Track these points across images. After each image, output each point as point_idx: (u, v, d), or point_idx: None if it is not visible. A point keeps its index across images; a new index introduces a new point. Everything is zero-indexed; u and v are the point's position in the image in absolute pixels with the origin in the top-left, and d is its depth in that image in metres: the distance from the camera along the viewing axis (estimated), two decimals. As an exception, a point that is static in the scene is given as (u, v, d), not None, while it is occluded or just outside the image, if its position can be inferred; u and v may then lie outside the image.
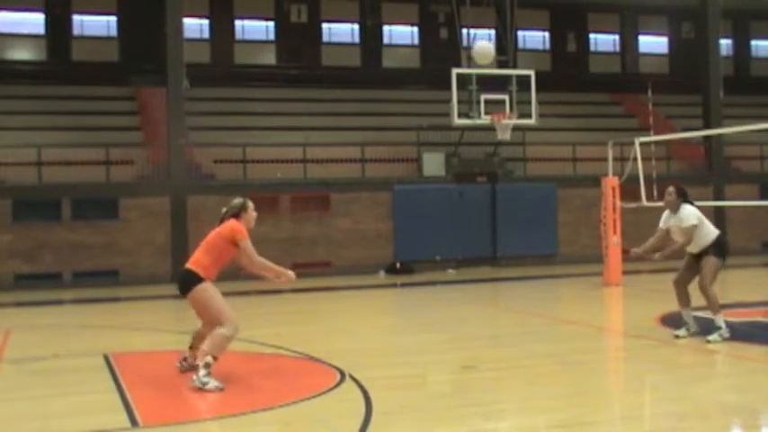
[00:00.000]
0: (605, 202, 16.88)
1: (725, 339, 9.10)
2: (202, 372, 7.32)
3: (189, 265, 7.70)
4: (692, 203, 9.53)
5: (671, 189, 9.58)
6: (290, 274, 7.86)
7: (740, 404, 6.80)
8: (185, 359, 8.08)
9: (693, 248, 9.41)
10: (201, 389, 7.27)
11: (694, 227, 9.26)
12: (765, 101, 29.89)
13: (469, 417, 6.44)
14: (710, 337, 9.13)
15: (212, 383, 7.29)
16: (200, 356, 7.53)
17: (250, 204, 7.86)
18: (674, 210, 9.48)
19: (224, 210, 7.85)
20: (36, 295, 18.13)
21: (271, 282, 8.00)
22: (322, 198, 22.33)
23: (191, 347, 8.04)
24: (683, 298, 9.63)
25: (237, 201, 7.87)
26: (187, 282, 7.59)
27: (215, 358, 7.39)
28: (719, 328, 9.16)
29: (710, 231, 9.36)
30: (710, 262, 9.25)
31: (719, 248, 9.34)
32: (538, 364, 8.62)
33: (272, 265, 7.84)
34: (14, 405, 7.33)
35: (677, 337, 9.59)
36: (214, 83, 26.19)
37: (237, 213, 7.75)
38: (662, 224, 9.70)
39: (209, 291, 7.56)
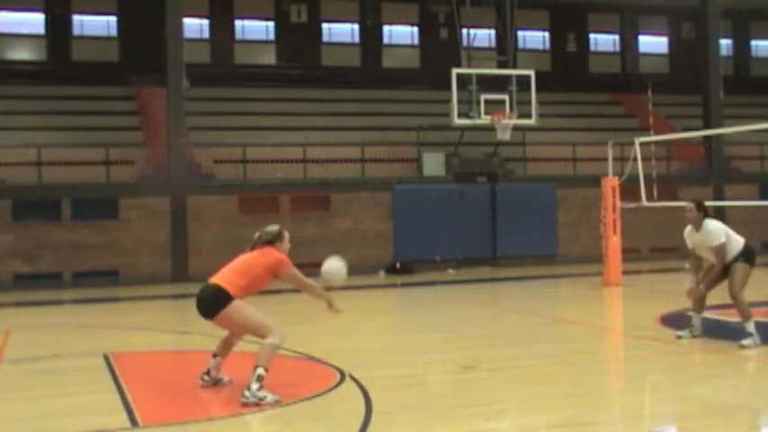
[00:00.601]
0: (605, 202, 16.87)
1: (757, 345, 8.85)
2: (255, 386, 6.79)
3: (219, 282, 7.11)
4: (712, 217, 9.33)
5: (690, 206, 9.25)
6: (337, 305, 7.52)
7: (740, 404, 6.80)
8: (208, 372, 7.56)
9: (726, 258, 9.16)
10: (258, 404, 6.74)
11: (724, 245, 9.04)
12: (765, 101, 29.88)
13: (469, 417, 6.44)
14: (745, 342, 8.86)
15: (270, 397, 6.80)
16: (219, 366, 7.47)
17: (286, 234, 7.55)
18: (697, 226, 9.20)
19: (257, 235, 7.45)
20: (36, 295, 18.13)
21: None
22: (322, 198, 22.33)
23: (214, 355, 7.62)
24: (698, 303, 9.50)
25: (273, 228, 7.48)
26: (217, 301, 7.00)
27: (266, 370, 6.88)
28: (751, 334, 8.93)
29: (738, 241, 9.17)
30: (740, 268, 9.06)
31: (748, 255, 9.15)
32: (538, 364, 8.61)
33: (321, 291, 7.50)
34: (14, 405, 7.33)
35: (679, 337, 9.53)
36: (214, 83, 26.18)
37: (273, 241, 7.37)
38: (689, 244, 9.47)
39: (244, 308, 7.05)
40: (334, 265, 7.65)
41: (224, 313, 6.98)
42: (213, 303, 7.01)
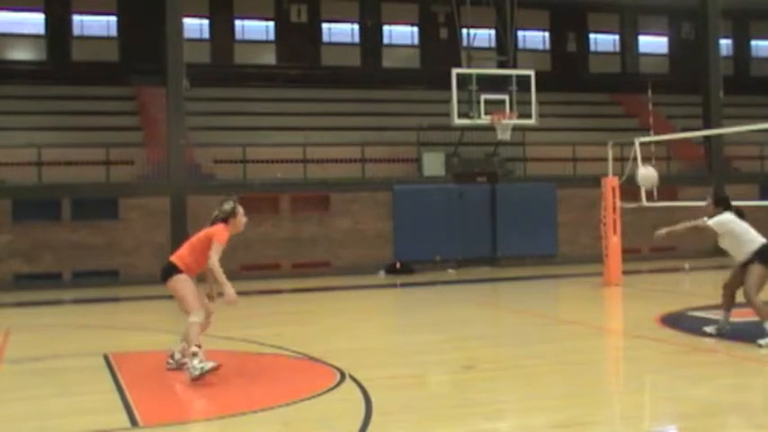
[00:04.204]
0: (605, 202, 16.87)
1: None
2: (195, 361, 7.58)
3: (172, 257, 8.12)
4: (732, 211, 9.53)
5: (709, 201, 9.66)
6: (232, 296, 7.68)
7: (740, 404, 6.80)
8: (172, 356, 8.32)
9: (739, 256, 9.36)
10: (202, 374, 7.51)
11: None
12: (765, 101, 29.89)
13: (469, 417, 6.44)
14: (762, 341, 8.94)
15: (209, 364, 7.58)
16: (184, 351, 7.91)
17: (240, 210, 7.99)
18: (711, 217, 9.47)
19: (215, 212, 7.99)
20: (36, 295, 18.12)
21: (270, 282, 8.01)
22: (322, 198, 22.33)
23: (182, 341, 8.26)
24: (727, 302, 9.65)
25: (228, 206, 7.97)
26: (166, 272, 8.02)
27: (198, 346, 7.70)
28: None
29: (754, 239, 9.33)
30: (755, 270, 9.17)
31: (763, 256, 9.23)
32: (538, 364, 8.61)
33: (222, 277, 7.67)
34: (14, 405, 7.32)
35: (706, 333, 9.66)
36: (214, 83, 26.18)
37: (226, 218, 7.93)
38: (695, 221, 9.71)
39: (183, 283, 7.90)
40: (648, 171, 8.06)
41: (169, 284, 7.98)
42: (163, 275, 8.06)
